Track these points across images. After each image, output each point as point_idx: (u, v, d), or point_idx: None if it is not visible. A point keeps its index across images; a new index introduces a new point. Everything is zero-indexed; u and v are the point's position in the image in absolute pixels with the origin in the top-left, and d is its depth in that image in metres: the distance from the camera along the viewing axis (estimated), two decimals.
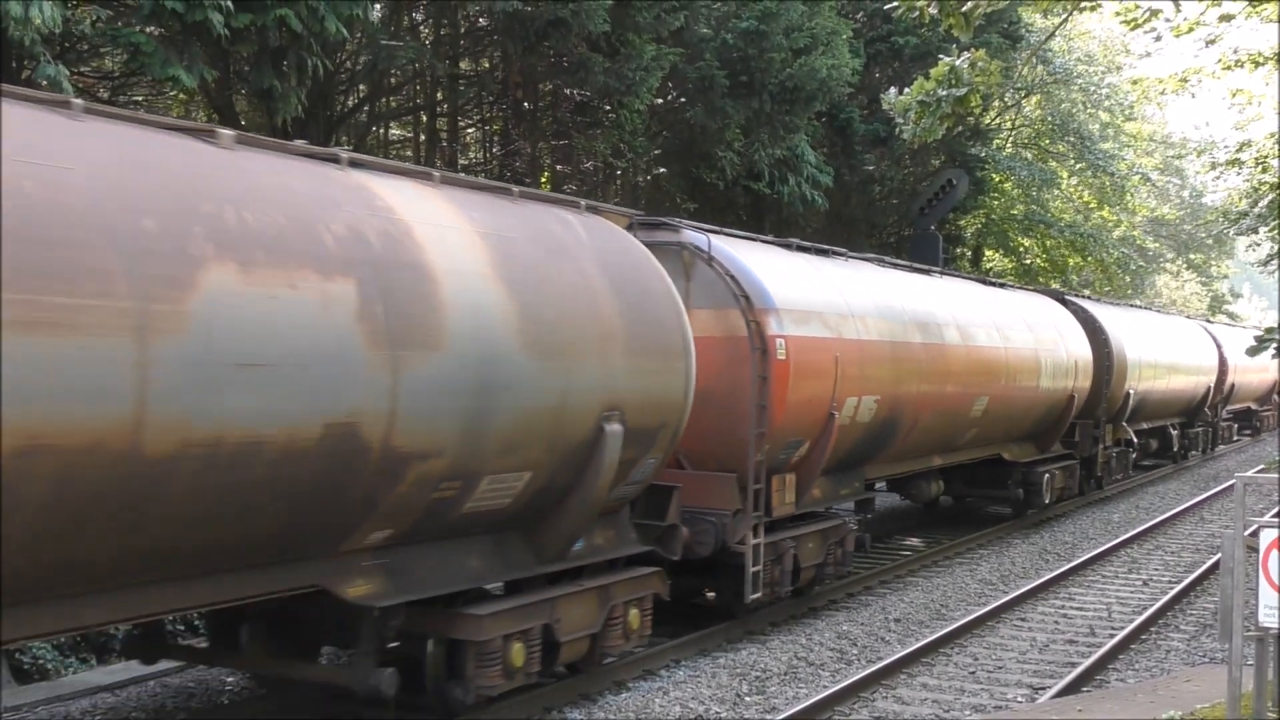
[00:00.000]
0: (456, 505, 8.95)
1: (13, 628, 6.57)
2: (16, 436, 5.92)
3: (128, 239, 6.55)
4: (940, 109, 10.99)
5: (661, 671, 11.73)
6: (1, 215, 5.94)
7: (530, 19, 17.67)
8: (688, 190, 23.14)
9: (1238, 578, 7.97)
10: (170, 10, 12.61)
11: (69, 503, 6.33)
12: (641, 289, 10.75)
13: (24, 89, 7.20)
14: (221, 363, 6.88)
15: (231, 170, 7.58)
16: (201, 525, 7.15)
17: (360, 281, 7.85)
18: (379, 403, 7.88)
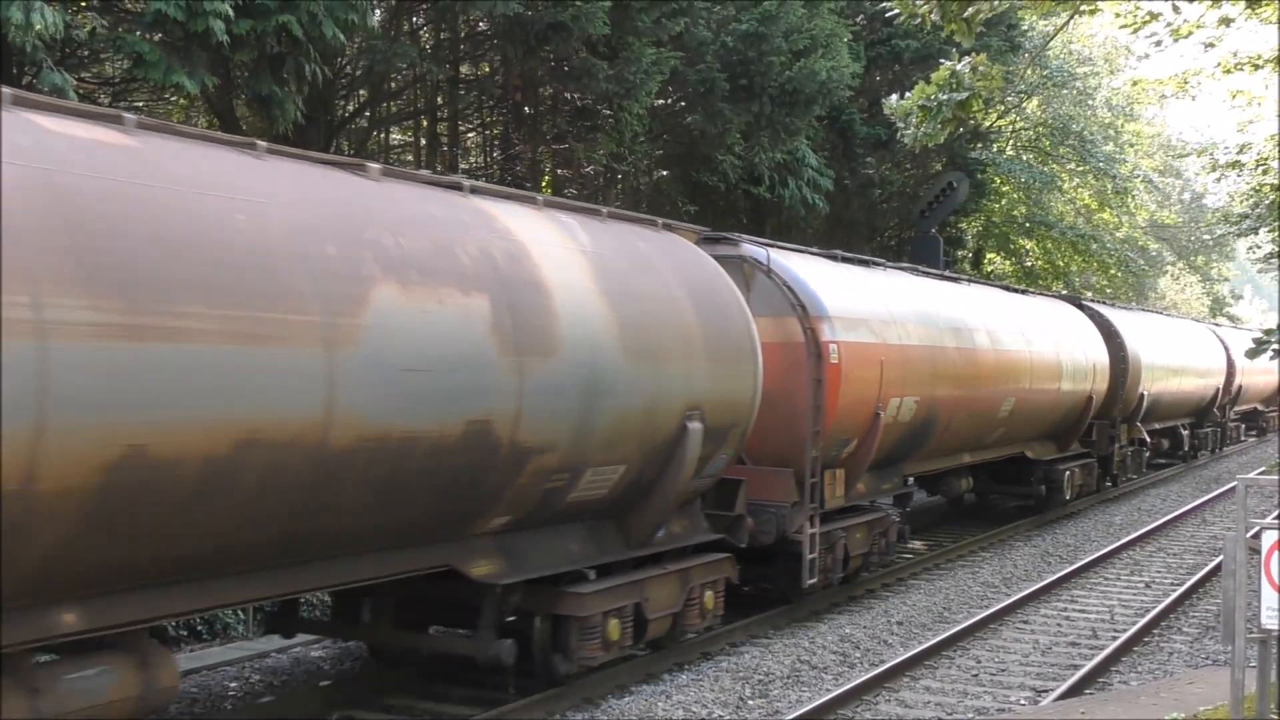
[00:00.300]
0: (563, 495, 10.10)
1: (224, 595, 7.86)
2: (233, 427, 7.05)
3: (315, 264, 7.71)
4: (942, 113, 10.99)
5: (664, 675, 11.73)
6: (226, 246, 7.19)
7: (530, 23, 17.68)
8: (688, 193, 23.13)
9: (1240, 580, 7.97)
10: (172, 19, 12.63)
11: (275, 488, 7.45)
12: (715, 299, 11.85)
13: (225, 135, 8.32)
14: (388, 368, 8.03)
15: (384, 200, 8.78)
16: (368, 511, 8.29)
17: (491, 296, 9.03)
18: (507, 403, 9.05)
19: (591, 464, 10.13)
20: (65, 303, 6.29)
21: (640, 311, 10.63)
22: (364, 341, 7.85)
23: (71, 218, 6.48)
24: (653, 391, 10.58)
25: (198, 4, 12.68)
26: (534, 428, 9.31)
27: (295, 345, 7.40)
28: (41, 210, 6.37)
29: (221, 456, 7.04)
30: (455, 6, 17.50)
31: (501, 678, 10.57)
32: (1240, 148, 29.44)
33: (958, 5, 10.64)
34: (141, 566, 7.16)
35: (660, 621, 11.45)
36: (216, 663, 11.80)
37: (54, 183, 6.54)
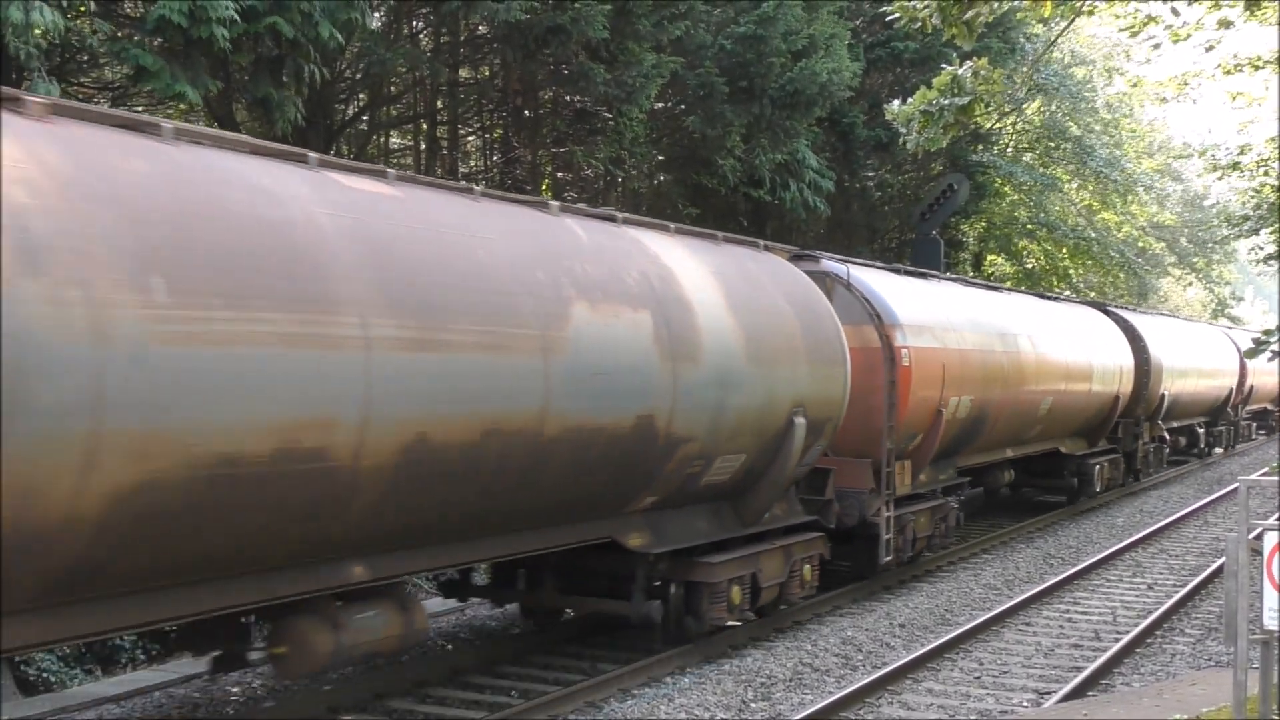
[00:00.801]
0: (698, 479, 11.82)
1: (459, 556, 9.66)
2: (481, 420, 8.81)
3: (532, 287, 9.50)
4: (944, 118, 11.00)
5: (666, 679, 11.72)
6: (475, 275, 9.04)
7: (530, 26, 17.69)
8: (688, 196, 23.14)
9: (1242, 581, 7.96)
10: (175, 25, 12.63)
11: (505, 469, 9.18)
12: (812, 310, 13.53)
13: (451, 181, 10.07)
14: (583, 372, 9.76)
15: (567, 232, 10.61)
16: (561, 489, 10.02)
17: (652, 312, 10.80)
18: (665, 401, 10.76)
19: (721, 452, 11.87)
20: (380, 323, 8.01)
21: (758, 323, 12.33)
22: (567, 350, 9.64)
23: (379, 257, 8.23)
24: (768, 391, 12.26)
25: (200, 10, 12.70)
26: (682, 421, 11.04)
27: (523, 354, 9.23)
28: (361, 252, 8.11)
29: (473, 443, 8.82)
30: (456, 10, 17.49)
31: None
32: (1241, 149, 29.46)
33: (958, 9, 10.65)
34: (412, 529, 8.94)
35: (770, 590, 13.15)
36: None
37: (363, 230, 8.29)
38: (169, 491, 6.82)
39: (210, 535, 7.31)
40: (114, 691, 11.04)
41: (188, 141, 7.76)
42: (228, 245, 7.19)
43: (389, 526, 8.58)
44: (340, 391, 7.71)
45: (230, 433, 7.06)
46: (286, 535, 7.82)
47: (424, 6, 19.39)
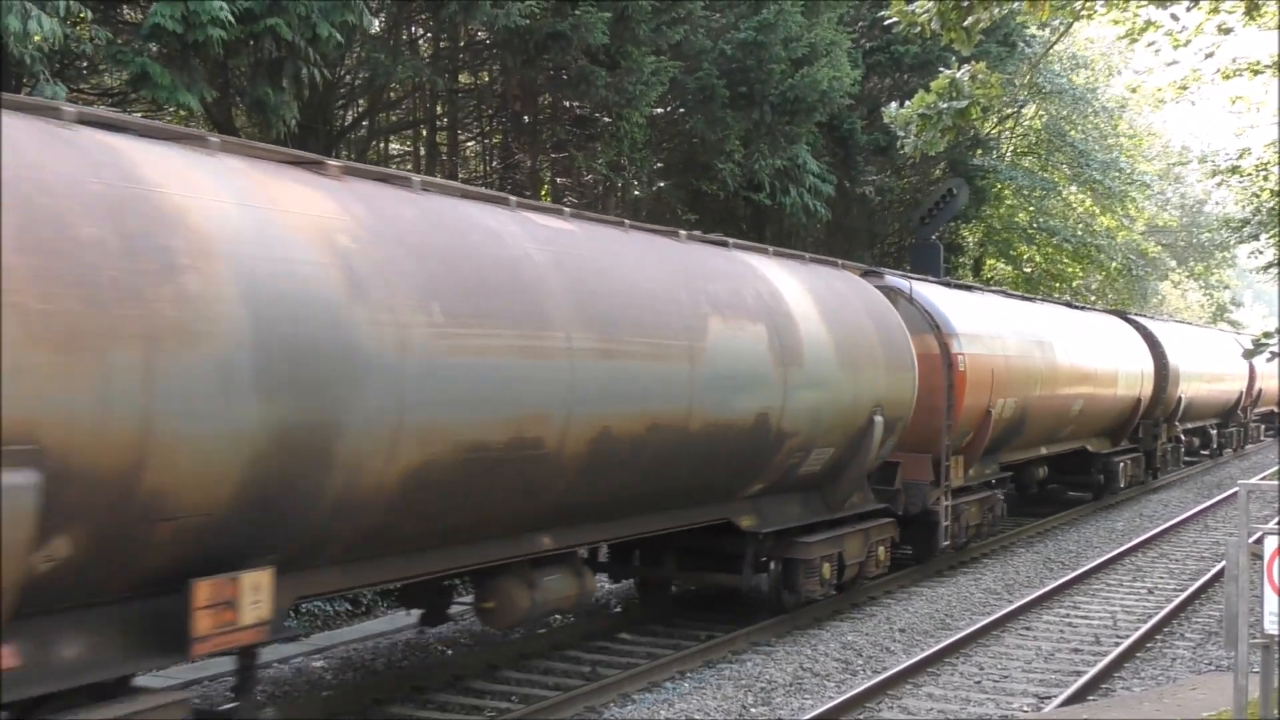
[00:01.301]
0: (797, 469, 13.62)
1: (617, 531, 11.57)
2: (646, 416, 10.61)
3: (678, 305, 11.32)
4: (941, 122, 11.01)
5: (666, 683, 11.72)
6: (640, 295, 10.87)
7: (530, 32, 17.69)
8: (688, 201, 23.14)
9: (1242, 585, 7.96)
10: (170, 30, 12.63)
11: (660, 457, 10.98)
12: (885, 321, 15.25)
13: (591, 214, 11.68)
14: (717, 376, 11.54)
15: (695, 257, 12.49)
16: (697, 476, 11.89)
17: (766, 325, 12.54)
18: (776, 400, 12.51)
19: (817, 445, 13.65)
20: (579, 337, 9.83)
21: (845, 333, 14.06)
22: (705, 359, 11.40)
23: (574, 283, 10.07)
24: (854, 392, 14.03)
25: (194, 15, 12.69)
26: (790, 418, 12.81)
27: (674, 361, 11.01)
28: (562, 279, 9.97)
29: (640, 435, 10.60)
30: (455, 16, 17.50)
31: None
32: (1240, 153, 29.47)
33: (957, 14, 10.66)
34: (589, 507, 10.76)
35: (852, 567, 14.90)
36: (218, 673, 11.78)
37: (561, 261, 10.13)
38: (440, 471, 8.59)
39: (461, 507, 9.16)
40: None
41: (436, 192, 9.85)
42: (478, 276, 9.11)
43: (574, 504, 10.49)
44: (552, 392, 9.58)
45: (480, 425, 8.92)
46: (511, 508, 9.79)
47: (423, 12, 19.40)
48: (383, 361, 7.96)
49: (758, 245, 14.33)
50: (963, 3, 10.66)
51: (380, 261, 8.20)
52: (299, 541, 7.91)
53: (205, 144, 7.89)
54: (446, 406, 8.54)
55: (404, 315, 8.21)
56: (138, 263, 6.58)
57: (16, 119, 6.63)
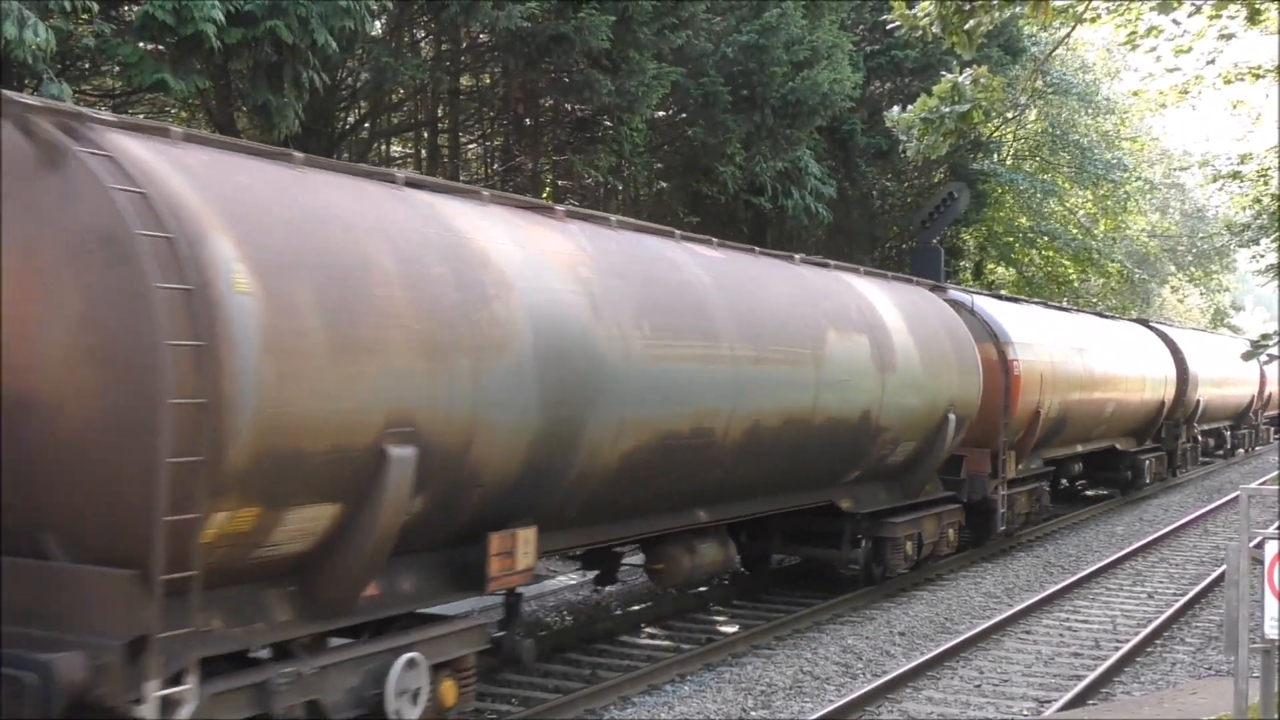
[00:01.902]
0: (887, 459, 15.56)
1: (750, 509, 13.43)
2: (783, 412, 12.61)
3: (803, 320, 13.29)
4: (943, 125, 11.01)
5: (666, 686, 11.71)
6: (775, 313, 12.88)
7: (531, 35, 17.70)
8: (689, 204, 23.15)
9: (1243, 590, 7.96)
10: (161, 22, 12.65)
11: (791, 446, 13.02)
12: (955, 331, 17.32)
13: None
14: (834, 379, 13.53)
15: (808, 277, 14.41)
16: (815, 464, 14.03)
17: (868, 336, 14.55)
18: (876, 400, 14.50)
19: (903, 439, 15.56)
20: (738, 346, 11.83)
21: (925, 341, 16.01)
22: (826, 365, 13.38)
23: (732, 302, 12.10)
24: (934, 393, 15.94)
25: (186, 9, 12.71)
26: (885, 415, 14.76)
27: (804, 366, 13.04)
28: (723, 299, 11.93)
29: (778, 428, 12.59)
30: (457, 18, 17.50)
31: None
32: (1241, 158, 29.49)
33: (958, 18, 10.66)
34: (733, 488, 12.67)
35: (928, 546, 16.86)
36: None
37: (721, 283, 12.16)
38: (644, 454, 10.67)
39: (654, 484, 11.21)
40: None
41: (628, 229, 11.90)
42: (669, 298, 11.24)
43: (726, 485, 12.48)
44: (721, 392, 11.56)
45: (673, 417, 10.96)
46: (684, 487, 11.81)
47: (424, 13, 19.41)
48: (614, 367, 10.16)
49: (850, 265, 16.65)
50: (964, 6, 10.66)
51: (608, 288, 10.42)
52: (550, 507, 10.07)
53: (479, 197, 10.17)
54: (652, 403, 10.67)
55: (627, 331, 10.42)
56: (465, 293, 8.74)
57: (368, 183, 8.87)
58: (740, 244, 14.29)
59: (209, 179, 7.44)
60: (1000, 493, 19.01)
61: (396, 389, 7.99)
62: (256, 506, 7.25)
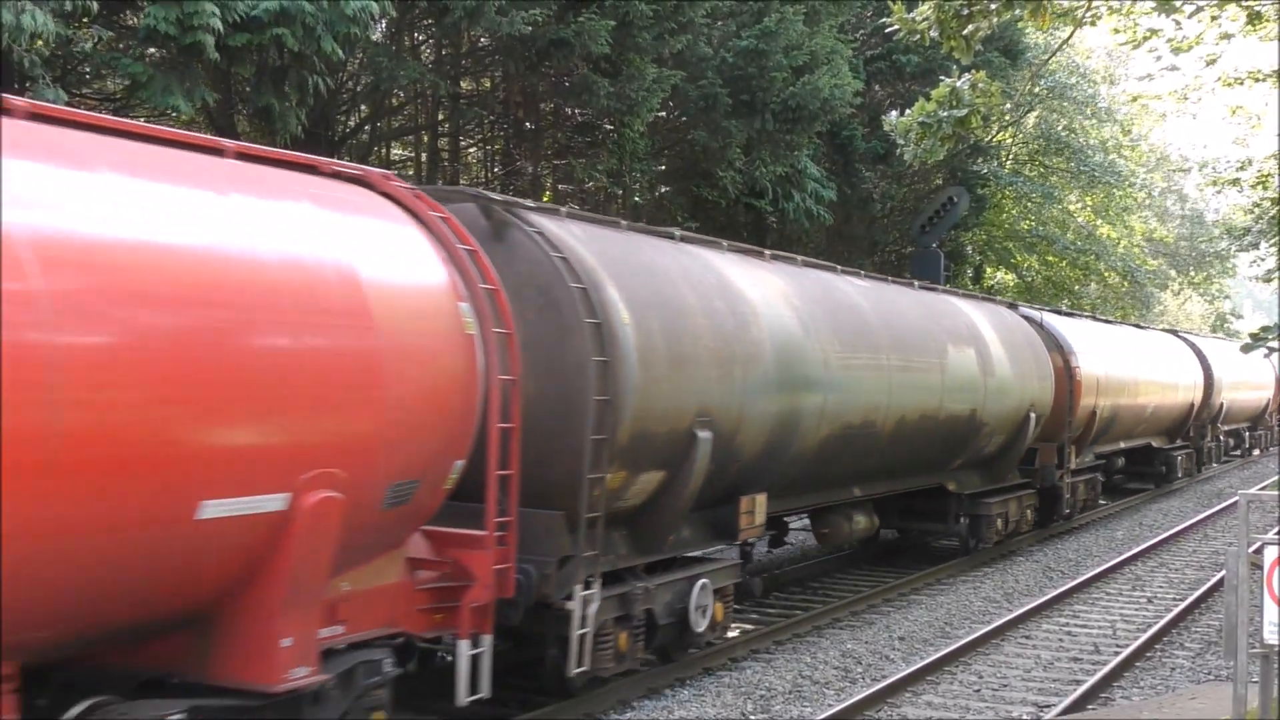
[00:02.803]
0: (982, 450, 18.89)
1: (889, 487, 16.56)
2: (920, 409, 15.83)
3: (931, 334, 16.65)
4: (941, 130, 11.01)
5: (666, 691, 11.70)
6: (912, 330, 16.35)
7: (532, 39, 17.71)
8: (689, 208, 23.16)
9: (1242, 595, 7.96)
10: (164, 34, 12.65)
11: (920, 437, 16.18)
12: (1032, 343, 20.63)
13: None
14: (954, 383, 16.86)
15: (928, 299, 17.93)
16: (936, 451, 17.25)
17: (974, 348, 17.87)
18: (980, 400, 17.72)
19: (997, 433, 18.83)
20: (890, 357, 15.13)
21: (1013, 352, 19.32)
22: (947, 371, 16.69)
23: (886, 321, 15.47)
24: (1019, 395, 19.21)
25: (188, 18, 12.72)
26: (986, 413, 18.00)
27: (932, 374, 16.39)
28: (879, 319, 15.27)
29: (916, 422, 15.90)
30: (460, 23, 17.51)
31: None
32: (1241, 164, 29.52)
33: (957, 22, 10.67)
34: (880, 470, 15.96)
35: (1012, 524, 20.00)
36: None
37: (877, 307, 15.56)
38: (833, 441, 13.91)
39: (835, 464, 14.55)
40: None
41: (808, 266, 15.15)
42: (847, 320, 14.56)
43: (875, 467, 15.69)
44: (881, 392, 14.87)
45: (852, 411, 14.24)
46: (851, 467, 15.02)
47: (426, 18, 19.42)
48: (818, 373, 13.48)
49: (951, 289, 20.53)
50: (962, 11, 10.67)
51: (811, 314, 13.73)
52: (773, 479, 13.18)
53: (719, 246, 13.39)
54: (840, 400, 13.87)
55: (825, 345, 13.74)
56: (735, 320, 12.09)
57: (663, 241, 12.44)
58: (878, 275, 18.02)
59: (591, 244, 10.83)
60: (1065, 480, 22.23)
61: (701, 389, 11.34)
62: (625, 471, 10.70)
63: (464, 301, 8.54)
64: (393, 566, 8.46)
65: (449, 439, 8.34)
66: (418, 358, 7.98)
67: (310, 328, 7.23)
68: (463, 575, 8.86)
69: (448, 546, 8.94)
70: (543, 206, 11.16)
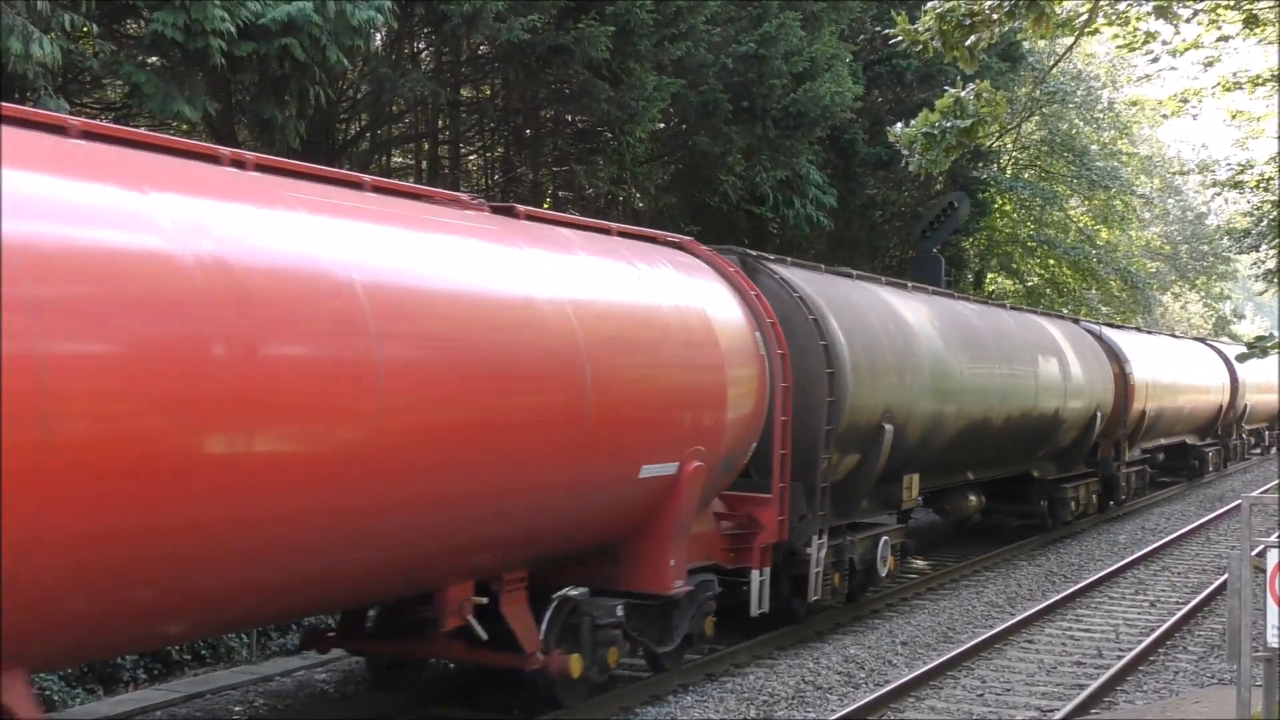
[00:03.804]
0: (1060, 443, 22.58)
1: (990, 474, 20.56)
2: (1020, 408, 19.80)
3: (1025, 346, 20.58)
4: (946, 140, 11.01)
5: (669, 697, 11.71)
6: (1012, 342, 20.60)
7: (532, 46, 17.72)
8: (689, 214, 23.15)
9: (1245, 598, 7.97)
10: (170, 40, 12.65)
11: (1016, 431, 20.03)
12: (1097, 353, 24.82)
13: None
14: (1044, 386, 20.67)
15: (1018, 317, 21.82)
16: (1030, 442, 21.16)
17: (1056, 358, 21.76)
18: (1061, 401, 21.48)
19: (1071, 429, 22.83)
20: (1001, 365, 18.99)
21: (1083, 360, 23.33)
22: (1040, 377, 20.45)
23: (994, 336, 19.27)
24: (1089, 397, 23.35)
25: (195, 23, 12.72)
26: (1065, 412, 21.90)
27: (1028, 380, 19.85)
28: (992, 335, 19.15)
29: (1017, 417, 19.46)
30: (459, 30, 17.51)
31: None
32: (1241, 167, 29.55)
33: (959, 33, 10.68)
34: (989, 458, 19.65)
35: (1081, 506, 24.26)
36: (220, 686, 11.81)
37: (990, 326, 19.48)
38: (964, 432, 17.58)
39: (961, 452, 18.06)
40: (114, 711, 11.00)
41: (937, 294, 18.71)
42: (973, 337, 18.17)
43: (987, 456, 19.43)
44: (995, 395, 18.55)
45: (977, 410, 17.82)
46: (971, 455, 18.59)
47: (425, 25, 19.42)
48: (957, 379, 17.16)
49: (1031, 308, 25.03)
50: (964, 22, 10.68)
51: (947, 333, 17.33)
52: (923, 463, 16.70)
53: (879, 281, 17.38)
54: (970, 401, 17.59)
55: (959, 358, 17.35)
56: (902, 339, 15.76)
57: (839, 278, 15.94)
58: (981, 296, 21.26)
59: (811, 285, 14.41)
60: (1122, 471, 26.31)
61: (885, 394, 14.99)
62: (839, 453, 14.31)
63: (756, 331, 12.65)
64: (709, 517, 12.51)
65: (752, 428, 12.40)
66: (739, 372, 11.94)
67: (690, 354, 11.32)
68: (753, 525, 13.02)
69: (742, 505, 13.11)
70: (779, 258, 15.02)
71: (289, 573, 7.68)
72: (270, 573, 7.52)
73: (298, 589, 8.00)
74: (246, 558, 7.18)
